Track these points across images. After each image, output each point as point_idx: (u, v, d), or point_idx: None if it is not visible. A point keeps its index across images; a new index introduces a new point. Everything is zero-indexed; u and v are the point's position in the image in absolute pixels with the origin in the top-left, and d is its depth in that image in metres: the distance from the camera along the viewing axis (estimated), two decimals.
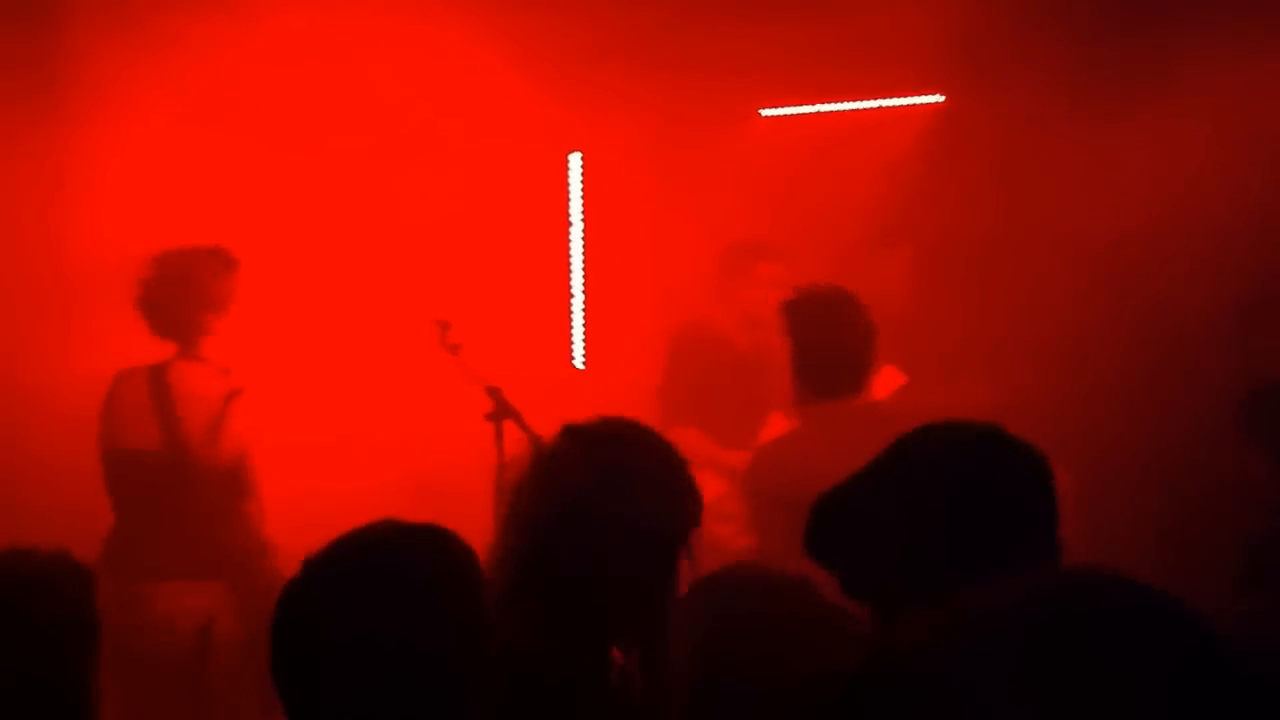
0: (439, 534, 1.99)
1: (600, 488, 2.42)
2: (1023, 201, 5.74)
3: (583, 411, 5.91)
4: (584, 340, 6.65)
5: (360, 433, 5.80)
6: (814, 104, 6.53)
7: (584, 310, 6.67)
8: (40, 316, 5.32)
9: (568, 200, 6.71)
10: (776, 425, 5.50)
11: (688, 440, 5.49)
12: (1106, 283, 5.46)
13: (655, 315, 5.99)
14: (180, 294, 4.53)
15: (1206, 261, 5.23)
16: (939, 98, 6.25)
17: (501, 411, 4.30)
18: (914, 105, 6.31)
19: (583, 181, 6.71)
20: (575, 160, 6.71)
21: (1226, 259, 5.20)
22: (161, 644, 4.12)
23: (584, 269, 6.68)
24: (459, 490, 4.76)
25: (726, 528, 5.46)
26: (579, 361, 6.66)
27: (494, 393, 4.33)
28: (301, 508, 4.73)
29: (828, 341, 4.21)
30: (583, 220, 6.70)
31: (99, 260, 5.22)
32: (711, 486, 5.51)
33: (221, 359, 4.62)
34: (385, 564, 1.93)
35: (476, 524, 2.10)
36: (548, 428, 4.36)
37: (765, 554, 3.66)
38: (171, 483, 4.42)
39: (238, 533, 4.49)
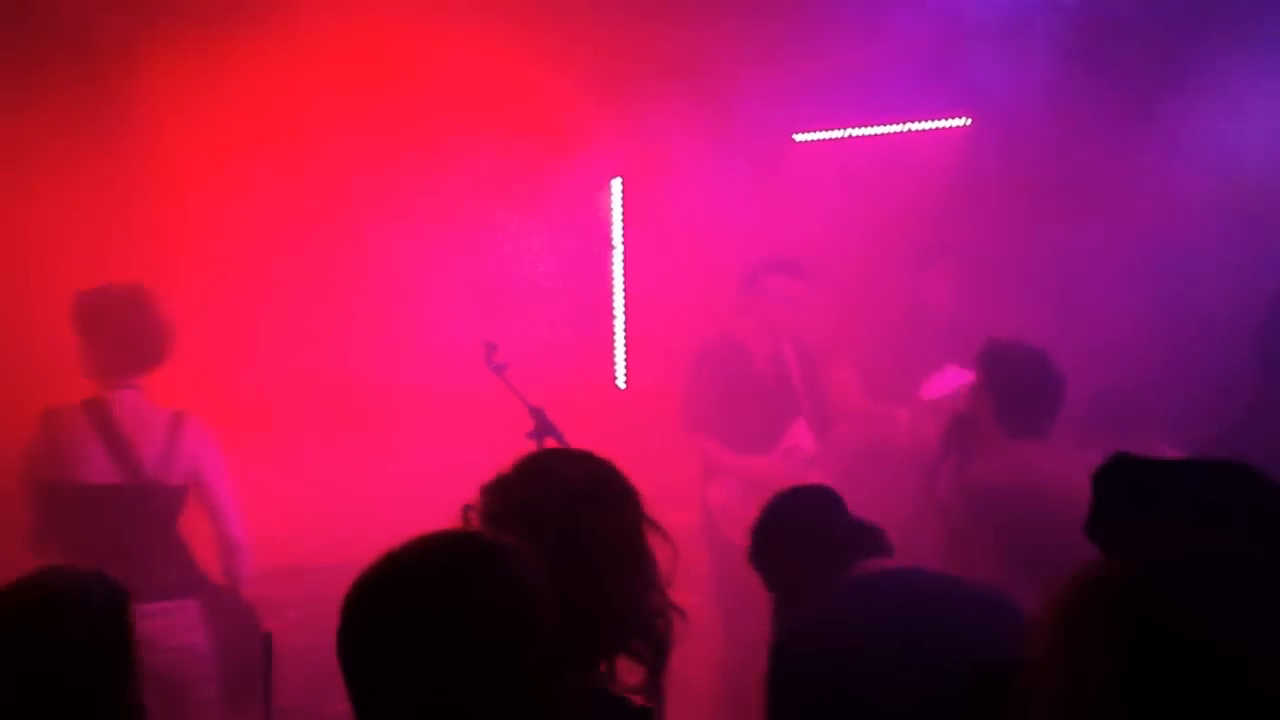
0: (507, 545, 2.01)
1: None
2: (1056, 213, 5.83)
3: (623, 430, 6.09)
4: (625, 361, 6.78)
5: (407, 451, 5.92)
6: (845, 129, 6.67)
7: (625, 331, 6.79)
8: None
9: (609, 224, 6.87)
10: (799, 433, 5.74)
11: (704, 447, 5.75)
12: (1142, 290, 5.55)
13: (695, 337, 6.11)
14: (117, 332, 4.51)
15: (1236, 268, 5.32)
16: (966, 120, 6.36)
17: (544, 430, 4.40)
18: (942, 128, 6.43)
19: (624, 205, 6.87)
20: (617, 185, 6.87)
21: (1256, 267, 5.28)
22: (148, 664, 4.09)
23: (625, 291, 6.81)
24: None
25: (735, 529, 5.72)
26: (621, 381, 6.77)
27: (536, 412, 4.43)
28: (347, 523, 4.89)
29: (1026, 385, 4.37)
30: (624, 243, 6.85)
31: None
32: (722, 491, 5.76)
33: (154, 387, 4.61)
34: (460, 572, 1.94)
35: None
36: (589, 445, 4.52)
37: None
38: (133, 510, 4.43)
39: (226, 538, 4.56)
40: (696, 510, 5.90)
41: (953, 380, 5.33)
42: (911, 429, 5.59)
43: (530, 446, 4.40)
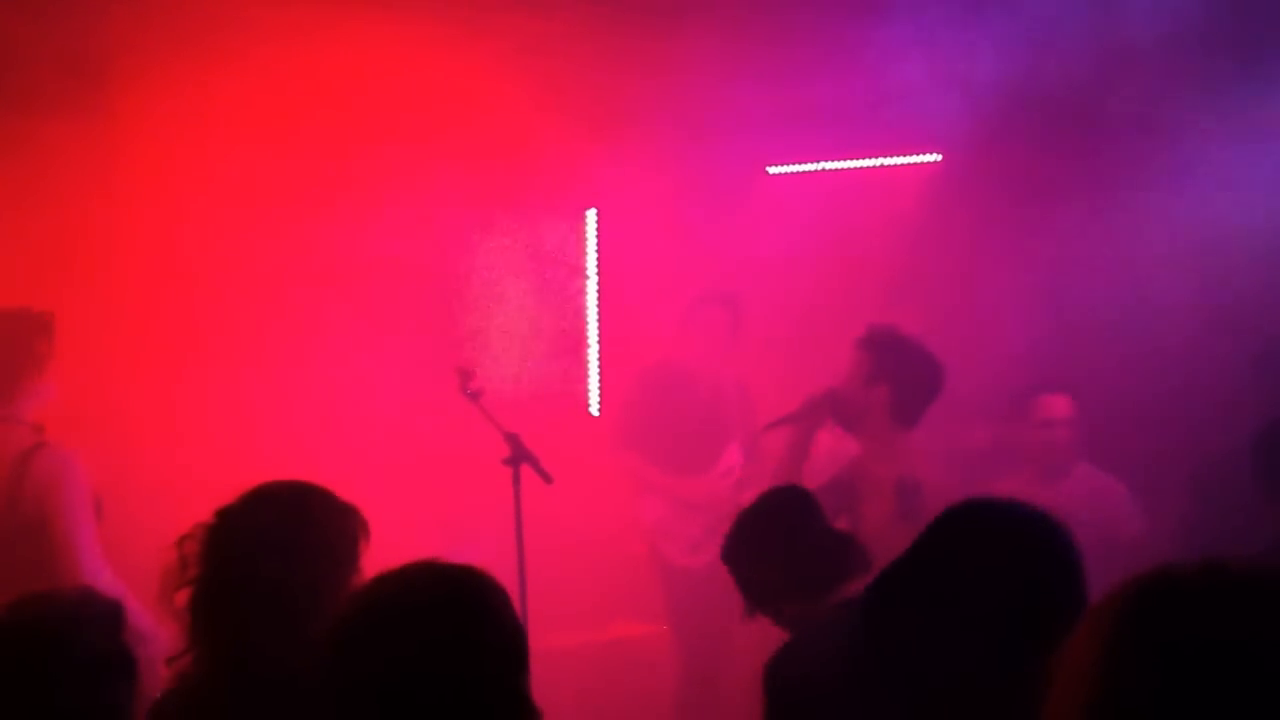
0: (476, 574, 2.07)
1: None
2: (1021, 254, 5.92)
3: (596, 455, 6.11)
4: (599, 388, 6.82)
5: (382, 477, 5.93)
6: (819, 162, 6.75)
7: (599, 359, 6.84)
8: None
9: (584, 253, 6.92)
10: (733, 456, 5.98)
11: (632, 465, 5.97)
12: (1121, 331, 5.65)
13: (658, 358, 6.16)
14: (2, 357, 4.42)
15: (1223, 309, 5.44)
16: (937, 157, 6.45)
17: (519, 456, 4.45)
18: (914, 164, 6.52)
19: (598, 235, 6.93)
20: (591, 215, 6.93)
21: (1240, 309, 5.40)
22: None
23: (599, 319, 6.86)
24: (478, 531, 4.91)
25: (670, 545, 5.88)
26: (594, 409, 6.82)
27: (512, 438, 4.47)
28: None
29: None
30: (598, 272, 6.90)
31: None
32: (653, 509, 5.95)
33: (36, 416, 4.46)
34: (429, 603, 1.99)
35: (495, 564, 2.24)
36: (563, 472, 4.57)
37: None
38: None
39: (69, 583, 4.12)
40: (638, 530, 6.07)
41: None
42: (830, 450, 5.64)
43: (506, 473, 4.45)
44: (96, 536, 4.29)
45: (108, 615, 2.51)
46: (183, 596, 2.65)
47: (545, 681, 2.36)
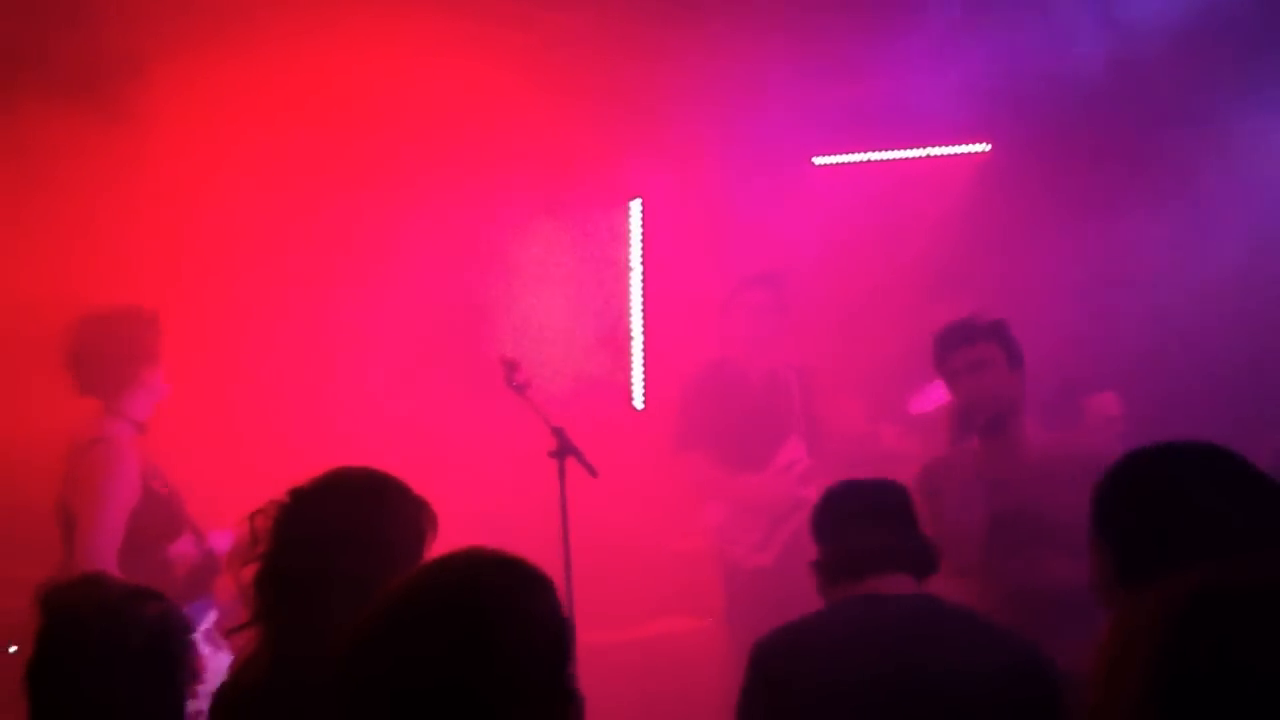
0: (523, 564, 1.99)
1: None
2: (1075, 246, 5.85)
3: (641, 450, 6.08)
4: (643, 382, 6.79)
5: (426, 470, 5.92)
6: (866, 153, 6.69)
7: (643, 353, 6.81)
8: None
9: (628, 245, 6.90)
10: (793, 450, 5.82)
11: (693, 466, 5.84)
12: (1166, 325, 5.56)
13: (711, 359, 6.12)
14: (109, 351, 4.53)
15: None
16: (985, 147, 6.37)
17: (565, 449, 4.44)
18: (961, 154, 6.45)
19: (643, 227, 6.91)
20: (636, 206, 6.90)
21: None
22: None
23: (643, 312, 6.83)
24: (523, 525, 4.89)
25: (736, 548, 5.78)
26: (638, 403, 6.79)
27: (558, 432, 4.46)
28: None
29: None
30: (642, 264, 6.87)
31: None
32: (716, 512, 5.84)
33: (146, 413, 4.60)
34: (474, 593, 1.91)
35: (540, 557, 2.20)
36: (608, 465, 4.54)
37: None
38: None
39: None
40: (704, 534, 5.96)
41: (939, 395, 5.32)
42: (895, 443, 5.58)
43: (552, 466, 4.43)
44: (115, 537, 4.34)
45: (159, 605, 2.56)
46: (249, 571, 2.65)
47: (588, 677, 2.33)
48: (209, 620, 4.47)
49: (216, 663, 4.19)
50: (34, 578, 2.75)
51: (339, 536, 2.60)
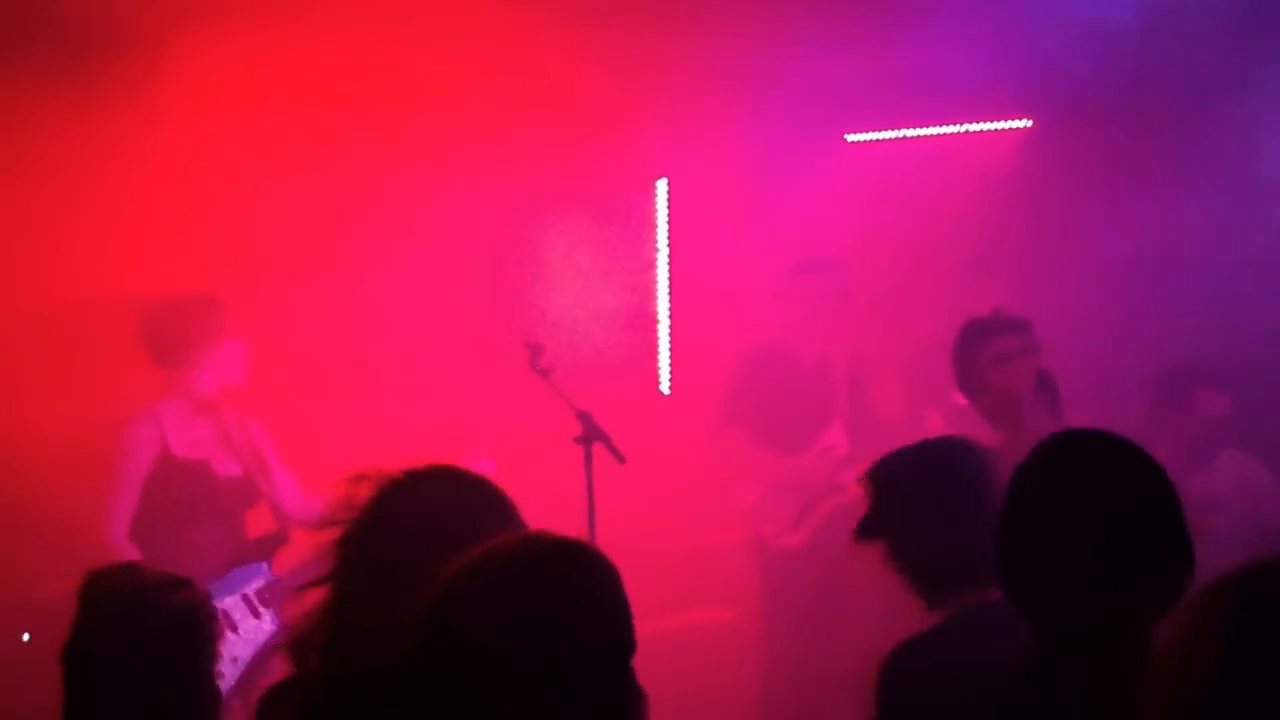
0: (589, 549, 1.94)
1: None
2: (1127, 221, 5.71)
3: (667, 435, 5.99)
4: (669, 365, 6.69)
5: (452, 457, 5.84)
6: (899, 129, 6.54)
7: (670, 335, 6.71)
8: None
9: (654, 225, 6.78)
10: (835, 434, 5.81)
11: (734, 443, 5.83)
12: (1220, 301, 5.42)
13: (740, 341, 6.06)
14: (167, 333, 4.78)
15: None
16: (1026, 123, 6.22)
17: (591, 434, 4.37)
18: (1000, 130, 6.29)
19: (669, 207, 6.78)
20: (662, 186, 6.77)
21: None
22: None
23: (670, 294, 6.72)
24: (549, 511, 4.78)
25: (768, 527, 5.76)
26: (665, 386, 6.70)
27: (584, 416, 4.40)
28: None
29: None
30: (669, 245, 6.75)
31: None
32: (750, 492, 5.80)
33: (213, 391, 4.85)
34: (538, 575, 1.87)
35: None
36: (632, 451, 4.46)
37: None
38: None
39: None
40: (733, 524, 5.95)
41: None
42: (940, 431, 5.48)
43: (578, 451, 4.34)
44: (126, 511, 4.63)
45: (187, 591, 2.61)
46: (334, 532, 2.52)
47: None
48: (254, 585, 4.62)
49: (248, 628, 4.47)
50: (45, 572, 2.76)
51: (442, 530, 2.47)
